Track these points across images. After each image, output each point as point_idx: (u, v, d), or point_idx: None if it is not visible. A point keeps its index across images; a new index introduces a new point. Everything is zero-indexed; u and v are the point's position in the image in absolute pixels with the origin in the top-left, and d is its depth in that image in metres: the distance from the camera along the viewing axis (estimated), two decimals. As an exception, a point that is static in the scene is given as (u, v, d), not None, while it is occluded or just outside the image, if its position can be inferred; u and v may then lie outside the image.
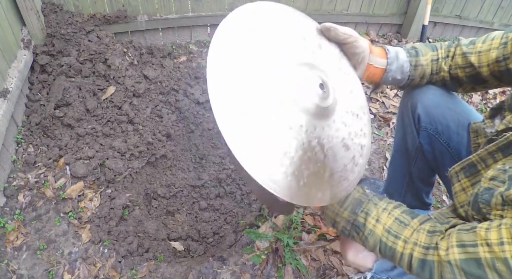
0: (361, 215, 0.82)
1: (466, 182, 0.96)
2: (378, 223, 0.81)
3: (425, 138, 1.23)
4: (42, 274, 1.48)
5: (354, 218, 0.83)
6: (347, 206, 0.84)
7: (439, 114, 1.15)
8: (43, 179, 1.72)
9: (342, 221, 0.85)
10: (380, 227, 0.80)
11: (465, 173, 0.96)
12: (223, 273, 1.55)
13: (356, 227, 0.83)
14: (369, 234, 0.81)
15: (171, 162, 2.19)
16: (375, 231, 0.80)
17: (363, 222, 0.82)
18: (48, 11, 1.99)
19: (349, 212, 0.84)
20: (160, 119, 2.16)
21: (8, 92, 1.69)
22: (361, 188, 0.88)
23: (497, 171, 0.82)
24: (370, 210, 0.82)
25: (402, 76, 1.04)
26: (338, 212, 0.85)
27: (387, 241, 0.79)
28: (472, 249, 0.70)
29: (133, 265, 1.59)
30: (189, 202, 2.14)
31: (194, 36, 2.54)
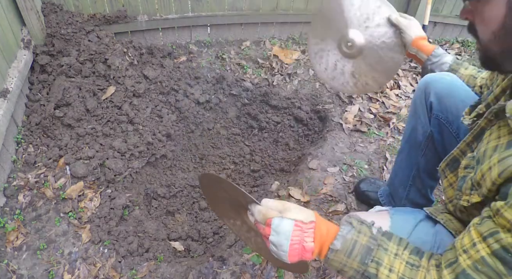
0: (372, 265, 0.76)
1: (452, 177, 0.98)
2: (391, 273, 0.75)
3: (435, 126, 1.25)
4: (42, 274, 1.48)
5: (364, 268, 0.76)
6: (355, 256, 0.77)
7: (452, 103, 1.17)
8: (43, 179, 1.72)
9: (351, 270, 0.78)
10: (394, 276, 0.75)
11: (450, 168, 0.98)
12: (223, 273, 1.55)
13: (367, 277, 0.76)
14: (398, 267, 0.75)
15: (171, 162, 2.19)
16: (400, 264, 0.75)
17: (375, 273, 0.75)
18: (48, 11, 1.99)
19: (358, 263, 0.77)
20: (160, 119, 2.16)
21: (8, 92, 1.69)
22: (367, 227, 0.81)
23: (469, 159, 0.84)
24: (381, 259, 0.76)
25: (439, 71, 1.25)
26: (346, 263, 0.78)
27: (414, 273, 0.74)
28: (455, 265, 0.70)
29: (133, 265, 1.59)
30: (189, 202, 2.14)
31: (194, 36, 2.54)
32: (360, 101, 2.43)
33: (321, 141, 2.23)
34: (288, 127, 2.46)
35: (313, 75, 2.61)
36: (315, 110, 2.44)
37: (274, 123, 2.45)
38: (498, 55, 0.67)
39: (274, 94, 2.43)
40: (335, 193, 1.86)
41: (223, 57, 2.54)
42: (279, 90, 2.48)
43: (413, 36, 1.28)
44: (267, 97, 2.44)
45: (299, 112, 2.42)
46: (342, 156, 2.06)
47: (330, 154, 2.07)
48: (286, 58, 2.63)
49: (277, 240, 0.78)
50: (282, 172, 2.28)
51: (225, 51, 2.58)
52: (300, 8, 2.63)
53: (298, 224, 0.78)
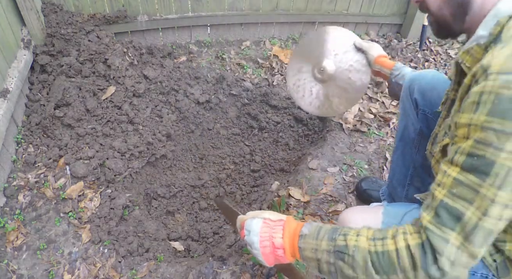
0: (340, 238, 0.77)
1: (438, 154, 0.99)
2: (359, 236, 0.75)
3: (423, 121, 1.29)
4: (42, 274, 1.48)
5: (334, 244, 0.76)
6: (322, 236, 0.79)
7: (435, 96, 1.22)
8: (43, 179, 1.72)
9: (324, 255, 0.77)
10: (363, 239, 0.74)
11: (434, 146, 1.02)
12: (223, 273, 1.55)
13: (339, 253, 0.75)
14: (355, 251, 0.73)
15: (171, 162, 2.19)
16: (360, 245, 0.74)
17: (344, 244, 0.75)
18: (48, 11, 1.99)
19: (327, 241, 0.77)
20: (160, 119, 2.16)
21: (8, 92, 1.69)
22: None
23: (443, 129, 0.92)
24: (347, 231, 0.77)
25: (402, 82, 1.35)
26: (316, 246, 0.78)
27: (376, 248, 0.72)
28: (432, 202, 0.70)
29: (133, 265, 1.59)
30: (189, 202, 2.14)
31: (194, 36, 2.54)
32: (360, 101, 2.43)
33: (321, 141, 2.23)
34: (288, 127, 2.46)
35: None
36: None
37: (274, 123, 2.45)
38: (449, 18, 0.82)
39: (274, 94, 2.43)
40: (335, 193, 1.86)
41: (223, 57, 2.54)
42: (279, 90, 2.48)
43: (375, 55, 1.46)
44: (267, 97, 2.44)
45: (299, 112, 2.42)
46: (342, 156, 2.06)
47: (330, 154, 2.07)
48: (286, 58, 2.63)
49: (249, 239, 0.83)
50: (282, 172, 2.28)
51: (225, 51, 2.58)
52: (300, 8, 2.63)
53: (266, 221, 0.84)
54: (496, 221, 0.65)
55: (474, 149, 0.65)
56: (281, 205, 1.80)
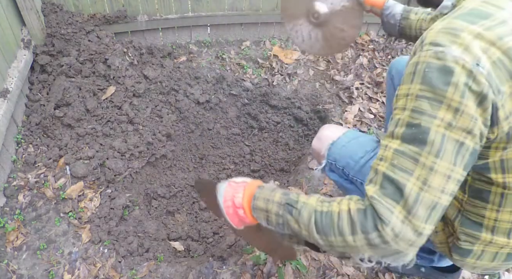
0: (293, 194, 0.79)
1: None
2: (310, 197, 0.77)
3: None
4: (42, 274, 1.48)
5: (286, 197, 0.78)
6: (278, 190, 0.81)
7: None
8: (43, 179, 1.72)
9: (274, 206, 0.78)
10: (313, 199, 0.76)
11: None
12: (223, 273, 1.55)
13: (288, 206, 0.76)
14: (303, 206, 0.75)
15: (171, 162, 2.19)
16: (309, 202, 0.76)
17: (296, 199, 0.77)
18: (48, 11, 1.99)
19: (280, 194, 0.80)
20: (160, 119, 2.16)
21: (8, 92, 1.69)
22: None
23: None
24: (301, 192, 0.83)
25: (394, 22, 1.36)
26: (269, 197, 0.80)
27: (322, 208, 0.73)
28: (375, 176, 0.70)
29: (133, 265, 1.59)
30: (189, 202, 2.14)
31: (194, 36, 2.54)
32: (360, 101, 2.43)
33: (321, 141, 2.23)
34: (288, 127, 2.46)
35: (313, 75, 2.61)
36: (315, 110, 2.44)
37: (274, 123, 2.45)
38: None
39: (274, 94, 2.43)
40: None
41: (223, 57, 2.54)
42: (279, 90, 2.48)
43: None
44: (267, 97, 2.44)
45: (299, 112, 2.42)
46: (342, 156, 2.06)
47: (330, 154, 2.07)
48: (286, 58, 2.63)
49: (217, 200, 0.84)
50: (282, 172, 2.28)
51: (225, 51, 2.58)
52: (300, 8, 2.63)
53: (230, 183, 0.86)
54: (439, 193, 0.65)
55: (411, 118, 0.67)
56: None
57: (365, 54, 2.73)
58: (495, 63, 0.64)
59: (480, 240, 0.88)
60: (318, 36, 1.64)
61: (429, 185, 0.64)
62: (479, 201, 0.85)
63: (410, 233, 0.65)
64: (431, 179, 0.64)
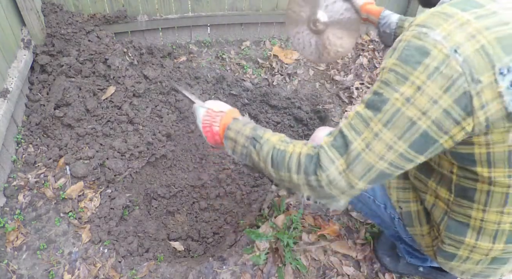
0: (261, 130, 0.90)
1: None
2: (274, 135, 0.88)
3: None
4: (42, 274, 1.48)
5: (254, 132, 0.89)
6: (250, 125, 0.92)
7: None
8: (43, 179, 1.72)
9: (242, 138, 0.89)
10: (276, 137, 0.87)
11: None
12: (223, 273, 1.55)
13: (253, 140, 0.87)
14: (265, 142, 0.86)
15: (171, 162, 2.19)
16: (271, 139, 0.86)
17: (261, 135, 0.88)
18: (48, 11, 1.99)
19: (250, 129, 0.90)
20: (160, 119, 2.16)
21: (8, 92, 1.69)
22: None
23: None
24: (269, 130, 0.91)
25: (389, 31, 1.38)
26: (240, 130, 0.91)
27: (280, 147, 0.84)
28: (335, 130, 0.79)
29: (133, 265, 1.59)
30: (189, 202, 2.14)
31: (194, 36, 2.54)
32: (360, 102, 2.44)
33: (321, 141, 2.23)
34: (288, 127, 2.46)
35: (313, 75, 2.61)
36: (315, 110, 2.44)
37: (274, 123, 2.45)
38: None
39: (274, 94, 2.43)
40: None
41: (223, 57, 2.54)
42: (279, 90, 2.48)
43: (361, 2, 1.46)
44: (267, 97, 2.44)
45: (299, 112, 2.42)
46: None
47: (330, 154, 2.07)
48: (286, 58, 2.63)
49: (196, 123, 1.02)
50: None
51: (225, 51, 2.58)
52: (300, 8, 2.63)
53: (208, 111, 0.99)
54: (377, 159, 0.72)
55: (378, 88, 0.72)
56: (281, 205, 1.80)
57: (365, 54, 2.73)
58: (478, 51, 0.64)
59: (464, 244, 0.91)
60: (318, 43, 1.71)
61: (371, 148, 0.71)
62: (465, 201, 0.87)
63: (343, 183, 0.75)
64: (374, 144, 0.71)
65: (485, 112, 0.66)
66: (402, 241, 1.30)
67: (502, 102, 0.65)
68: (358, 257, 1.61)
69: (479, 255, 0.91)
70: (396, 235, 1.28)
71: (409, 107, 0.67)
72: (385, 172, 0.74)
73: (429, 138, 0.69)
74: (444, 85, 0.65)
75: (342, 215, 1.78)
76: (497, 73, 0.64)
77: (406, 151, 0.71)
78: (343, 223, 1.74)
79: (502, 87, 0.64)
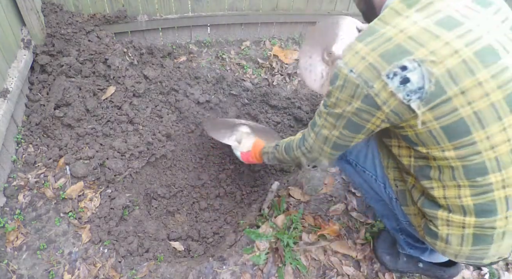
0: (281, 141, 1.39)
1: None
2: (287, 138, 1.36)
3: None
4: (42, 274, 1.48)
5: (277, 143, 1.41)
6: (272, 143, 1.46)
7: None
8: (43, 179, 1.72)
9: (270, 149, 1.44)
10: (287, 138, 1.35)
11: None
12: (223, 273, 1.55)
13: (276, 146, 1.40)
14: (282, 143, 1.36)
15: (171, 162, 2.19)
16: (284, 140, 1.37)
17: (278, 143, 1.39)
18: (48, 11, 1.99)
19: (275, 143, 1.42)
20: (160, 119, 2.16)
21: (8, 92, 1.69)
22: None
23: None
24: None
25: None
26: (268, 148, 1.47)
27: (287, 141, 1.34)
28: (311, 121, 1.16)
29: (133, 265, 1.59)
30: (189, 202, 2.14)
31: (194, 36, 2.54)
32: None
33: (321, 141, 2.23)
34: (288, 127, 2.46)
35: (313, 75, 2.61)
36: (315, 110, 2.44)
37: (274, 123, 2.45)
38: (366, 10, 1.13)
39: (274, 94, 2.44)
40: (335, 193, 1.87)
41: (223, 57, 2.54)
42: (279, 90, 2.48)
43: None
44: (267, 97, 2.44)
45: (299, 112, 2.42)
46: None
47: (330, 154, 2.07)
48: (286, 58, 2.63)
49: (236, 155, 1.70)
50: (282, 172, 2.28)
51: (225, 51, 2.58)
52: (300, 8, 2.63)
53: (242, 154, 1.64)
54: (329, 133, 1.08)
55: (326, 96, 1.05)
56: (281, 205, 1.80)
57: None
58: (367, 67, 0.88)
59: (438, 219, 1.00)
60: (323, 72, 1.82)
61: (324, 126, 1.08)
62: (425, 181, 1.00)
63: (316, 147, 1.15)
64: (326, 124, 1.07)
65: (388, 106, 0.89)
66: (402, 232, 1.37)
67: (397, 98, 0.87)
68: (358, 257, 1.61)
69: (457, 229, 0.97)
70: (397, 227, 1.37)
71: (336, 108, 1.01)
72: (337, 142, 1.08)
73: (356, 123, 0.99)
74: (350, 93, 0.93)
75: (342, 215, 1.79)
76: (385, 78, 0.86)
77: (343, 130, 1.03)
78: (343, 223, 1.74)
79: (393, 88, 0.86)
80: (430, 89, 0.83)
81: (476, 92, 0.82)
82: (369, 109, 0.92)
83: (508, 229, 0.94)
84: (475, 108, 0.83)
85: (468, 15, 0.86)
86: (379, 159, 1.23)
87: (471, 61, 0.81)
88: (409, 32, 0.85)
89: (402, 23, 0.87)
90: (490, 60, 0.82)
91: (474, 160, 0.88)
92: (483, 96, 0.83)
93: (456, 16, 0.86)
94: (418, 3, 0.88)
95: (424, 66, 0.82)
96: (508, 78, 0.83)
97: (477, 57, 0.82)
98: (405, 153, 1.04)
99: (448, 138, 0.87)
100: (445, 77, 0.82)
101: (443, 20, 0.85)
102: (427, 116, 0.87)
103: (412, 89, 0.84)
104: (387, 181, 1.22)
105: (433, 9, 0.87)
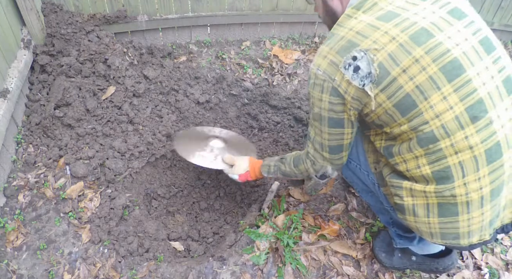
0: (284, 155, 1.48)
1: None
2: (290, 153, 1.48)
3: None
4: (42, 274, 1.48)
5: (282, 156, 1.50)
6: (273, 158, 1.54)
7: None
8: (43, 179, 1.72)
9: (273, 162, 1.52)
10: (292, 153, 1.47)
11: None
12: (223, 273, 1.55)
13: (282, 159, 1.48)
14: (289, 156, 1.45)
15: (171, 162, 2.19)
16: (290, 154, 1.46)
17: (285, 156, 1.47)
18: (48, 11, 1.99)
19: (279, 157, 1.51)
20: (160, 119, 2.16)
21: (8, 92, 1.69)
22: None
23: None
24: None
25: None
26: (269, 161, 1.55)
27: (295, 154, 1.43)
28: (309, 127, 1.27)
29: (133, 265, 1.59)
30: (189, 202, 2.14)
31: (194, 36, 2.54)
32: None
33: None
34: (288, 127, 2.46)
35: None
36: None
37: (274, 123, 2.45)
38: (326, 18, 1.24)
39: (274, 94, 2.43)
40: (335, 193, 1.87)
41: (223, 57, 2.54)
42: (279, 90, 2.48)
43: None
44: (267, 97, 2.44)
45: (299, 112, 2.42)
46: (342, 156, 2.06)
47: (330, 154, 2.07)
48: (286, 58, 2.63)
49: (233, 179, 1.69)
50: (282, 172, 2.28)
51: (225, 51, 2.58)
52: (300, 8, 2.63)
53: (240, 175, 1.64)
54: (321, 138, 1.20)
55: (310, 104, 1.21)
56: (281, 205, 1.80)
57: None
58: (329, 64, 1.04)
59: (403, 189, 1.09)
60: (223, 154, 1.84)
61: (316, 133, 1.21)
62: (391, 158, 1.11)
63: (318, 155, 1.28)
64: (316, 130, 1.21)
65: (349, 94, 1.04)
66: (393, 224, 1.45)
67: (354, 85, 1.01)
68: (358, 257, 1.61)
69: (421, 199, 1.06)
70: (390, 220, 1.44)
71: (314, 108, 1.14)
72: (331, 144, 1.21)
73: (335, 119, 1.12)
74: (320, 89, 1.08)
75: (342, 215, 1.79)
76: (342, 70, 1.01)
77: (329, 129, 1.16)
78: (343, 223, 1.74)
79: (349, 77, 1.01)
80: (376, 72, 0.97)
81: (414, 68, 0.94)
82: (338, 101, 1.07)
83: (471, 198, 0.99)
84: (417, 83, 0.95)
85: (406, 8, 0.99)
86: (362, 145, 1.31)
87: (407, 44, 0.94)
88: (356, 29, 1.01)
89: (351, 23, 1.03)
90: (424, 39, 0.94)
91: (424, 129, 0.98)
92: (421, 70, 0.94)
93: (395, 10, 0.99)
94: (364, 6, 1.03)
95: (369, 54, 0.97)
96: (442, 52, 0.93)
97: (412, 39, 0.94)
98: (378, 138, 1.17)
99: (401, 113, 0.99)
100: (387, 61, 0.95)
101: (384, 15, 0.99)
102: (381, 98, 1.00)
103: (363, 75, 0.99)
104: (369, 168, 1.30)
105: (377, 8, 1.02)
